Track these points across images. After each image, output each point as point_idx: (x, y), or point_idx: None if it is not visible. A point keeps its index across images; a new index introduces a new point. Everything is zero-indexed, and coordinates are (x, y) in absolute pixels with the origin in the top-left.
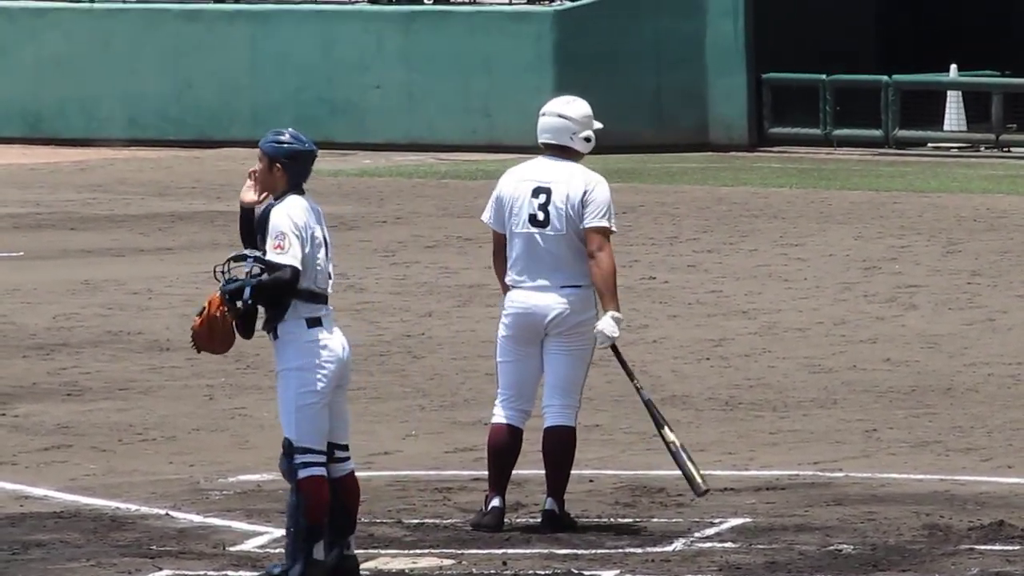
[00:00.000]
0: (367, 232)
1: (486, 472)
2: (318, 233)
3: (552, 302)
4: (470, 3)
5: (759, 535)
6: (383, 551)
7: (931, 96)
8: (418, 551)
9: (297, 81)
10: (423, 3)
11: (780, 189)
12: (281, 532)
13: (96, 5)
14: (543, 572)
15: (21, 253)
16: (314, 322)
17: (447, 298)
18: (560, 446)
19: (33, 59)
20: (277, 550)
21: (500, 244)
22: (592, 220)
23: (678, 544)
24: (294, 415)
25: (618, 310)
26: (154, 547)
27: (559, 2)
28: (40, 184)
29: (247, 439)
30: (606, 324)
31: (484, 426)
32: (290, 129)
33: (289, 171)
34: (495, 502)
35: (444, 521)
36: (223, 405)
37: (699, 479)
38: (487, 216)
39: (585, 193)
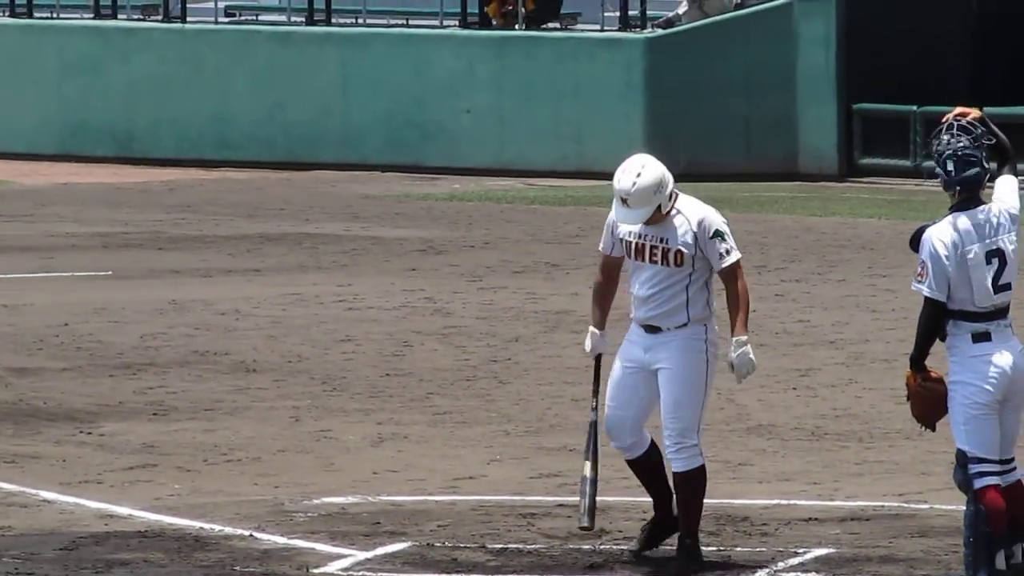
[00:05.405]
0: (455, 256)
1: (570, 498)
2: (976, 251)
3: None
4: (561, 29)
5: (843, 566)
6: (466, 575)
7: (1020, 128)
8: None
9: (388, 104)
10: (515, 29)
11: (869, 220)
12: (365, 555)
13: (188, 26)
14: None
15: (109, 272)
16: (979, 337)
17: (534, 323)
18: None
19: (125, 79)
20: (360, 573)
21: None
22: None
23: (761, 574)
24: (963, 426)
25: None
26: (237, 568)
27: (650, 29)
28: (129, 204)
29: (332, 461)
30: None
31: (569, 452)
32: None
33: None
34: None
35: (528, 546)
36: (308, 427)
37: (587, 517)
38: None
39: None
